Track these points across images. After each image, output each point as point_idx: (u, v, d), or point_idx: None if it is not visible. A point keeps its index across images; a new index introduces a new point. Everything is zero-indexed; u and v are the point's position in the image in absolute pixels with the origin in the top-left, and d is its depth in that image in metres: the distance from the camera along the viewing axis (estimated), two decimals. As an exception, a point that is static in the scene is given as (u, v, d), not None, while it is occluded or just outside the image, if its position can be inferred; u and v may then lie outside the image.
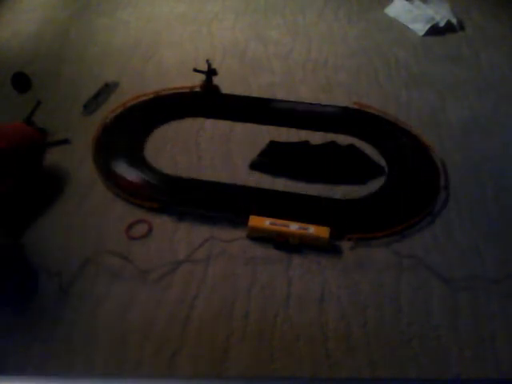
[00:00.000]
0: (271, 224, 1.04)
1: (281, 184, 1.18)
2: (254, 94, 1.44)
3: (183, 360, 0.86)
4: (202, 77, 1.42)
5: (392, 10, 1.85)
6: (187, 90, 1.43)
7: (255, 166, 1.22)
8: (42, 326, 0.89)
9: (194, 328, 0.90)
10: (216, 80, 1.43)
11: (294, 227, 1.03)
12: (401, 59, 1.62)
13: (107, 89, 1.44)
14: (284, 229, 1.03)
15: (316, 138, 1.30)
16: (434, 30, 1.75)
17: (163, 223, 1.08)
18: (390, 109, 1.40)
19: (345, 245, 1.05)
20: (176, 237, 1.06)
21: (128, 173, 1.17)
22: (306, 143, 1.28)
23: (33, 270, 0.98)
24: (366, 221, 1.10)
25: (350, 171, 1.22)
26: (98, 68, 1.53)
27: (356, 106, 1.40)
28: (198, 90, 1.43)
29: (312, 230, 1.03)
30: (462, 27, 1.80)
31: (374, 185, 1.19)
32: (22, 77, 1.43)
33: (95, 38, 1.66)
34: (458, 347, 0.89)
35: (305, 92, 1.46)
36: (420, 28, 1.75)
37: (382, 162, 1.24)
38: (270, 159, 1.23)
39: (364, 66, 1.58)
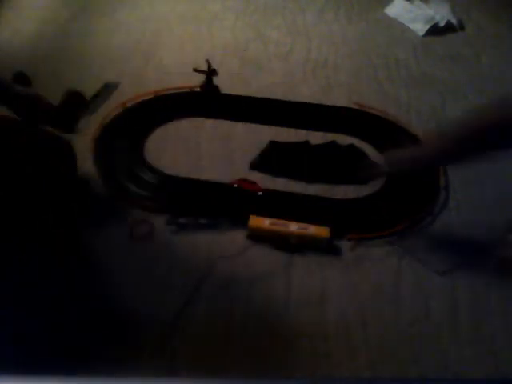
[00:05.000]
0: (271, 224, 1.04)
1: (281, 184, 1.18)
2: (254, 94, 1.44)
3: (183, 360, 0.86)
4: (202, 77, 1.42)
5: (392, 10, 1.85)
6: (187, 90, 1.43)
7: (255, 166, 1.22)
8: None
9: (194, 328, 0.90)
10: (216, 80, 1.43)
11: (293, 227, 1.03)
12: (401, 59, 1.62)
13: (107, 89, 1.43)
14: (284, 229, 1.03)
15: (316, 138, 1.31)
16: (434, 30, 1.75)
17: (164, 223, 1.08)
18: (390, 109, 1.40)
19: (345, 245, 1.06)
20: (177, 237, 1.06)
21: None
22: (306, 143, 1.28)
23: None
24: (366, 221, 1.11)
25: (350, 171, 1.22)
26: (97, 68, 1.52)
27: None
28: (198, 89, 1.43)
29: (312, 229, 1.03)
30: (462, 27, 1.80)
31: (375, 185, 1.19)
32: (22, 76, 1.43)
33: (95, 38, 1.66)
34: (458, 347, 0.90)
35: (305, 92, 1.46)
36: (420, 28, 1.75)
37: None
38: (270, 159, 1.23)
39: (364, 65, 1.58)
